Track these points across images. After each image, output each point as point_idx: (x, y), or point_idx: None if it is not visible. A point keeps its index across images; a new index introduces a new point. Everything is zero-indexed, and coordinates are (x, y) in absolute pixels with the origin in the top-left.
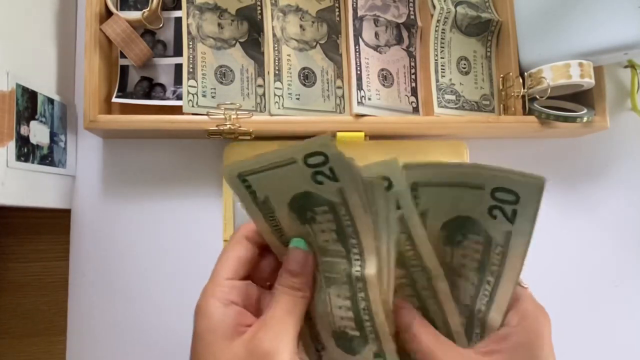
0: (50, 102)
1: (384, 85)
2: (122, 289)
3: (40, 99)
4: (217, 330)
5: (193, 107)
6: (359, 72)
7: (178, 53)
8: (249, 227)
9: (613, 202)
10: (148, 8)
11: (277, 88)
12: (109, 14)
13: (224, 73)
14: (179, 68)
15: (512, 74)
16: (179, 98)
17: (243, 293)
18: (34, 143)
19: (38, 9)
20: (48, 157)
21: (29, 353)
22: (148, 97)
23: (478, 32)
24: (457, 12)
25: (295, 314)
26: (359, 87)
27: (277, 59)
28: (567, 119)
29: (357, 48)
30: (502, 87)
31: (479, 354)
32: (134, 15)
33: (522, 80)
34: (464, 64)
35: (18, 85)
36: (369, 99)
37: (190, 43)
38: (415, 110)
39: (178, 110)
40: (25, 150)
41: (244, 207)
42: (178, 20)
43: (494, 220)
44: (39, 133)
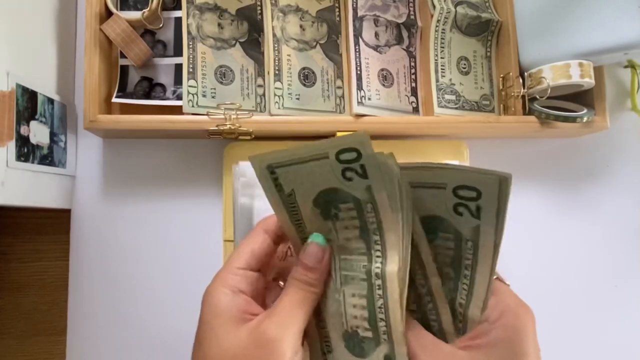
0: (50, 102)
1: (384, 85)
2: (122, 289)
3: (40, 99)
4: (223, 316)
5: (193, 107)
6: (359, 72)
7: (178, 53)
8: (269, 220)
9: (613, 202)
10: (148, 8)
11: (277, 88)
12: (109, 14)
13: (224, 73)
14: (179, 68)
15: (512, 74)
16: (179, 98)
17: (253, 284)
18: (34, 143)
19: (38, 9)
20: (48, 157)
21: (29, 353)
22: (148, 97)
23: (478, 32)
24: (457, 12)
25: (304, 308)
26: (359, 87)
27: (277, 59)
28: (567, 119)
29: (357, 48)
30: (502, 87)
31: (459, 349)
32: (134, 15)
33: (522, 80)
34: (464, 64)
35: (18, 85)
36: (369, 99)
37: (190, 43)
38: (415, 110)
39: (178, 110)
40: (25, 150)
41: (268, 198)
42: (178, 20)
43: (461, 217)
44: (39, 133)
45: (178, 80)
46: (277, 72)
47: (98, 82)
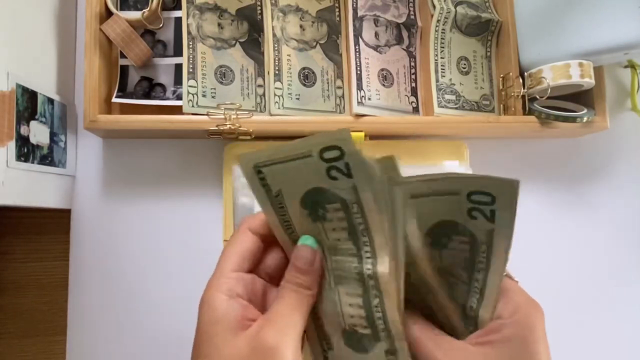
0: (50, 102)
1: (384, 85)
2: (122, 289)
3: (40, 99)
4: (221, 323)
5: (193, 107)
6: (359, 72)
7: (178, 53)
8: (253, 219)
9: (613, 202)
10: (148, 8)
11: (277, 88)
12: (109, 14)
13: (224, 73)
14: (179, 68)
15: (512, 74)
16: (179, 98)
17: (248, 286)
18: (34, 143)
19: (38, 9)
20: (48, 157)
21: (29, 353)
22: (148, 97)
23: (478, 32)
24: (457, 12)
25: (301, 311)
26: (359, 87)
27: (277, 59)
28: (567, 119)
29: (357, 48)
30: (502, 87)
31: (472, 345)
32: (134, 15)
33: (522, 80)
34: (464, 64)
35: (18, 85)
36: (369, 99)
37: (190, 43)
38: (415, 110)
39: (178, 110)
40: (25, 150)
41: (257, 199)
42: (178, 20)
43: (475, 221)
44: (39, 133)
45: (178, 80)
46: (277, 72)
47: (98, 82)
